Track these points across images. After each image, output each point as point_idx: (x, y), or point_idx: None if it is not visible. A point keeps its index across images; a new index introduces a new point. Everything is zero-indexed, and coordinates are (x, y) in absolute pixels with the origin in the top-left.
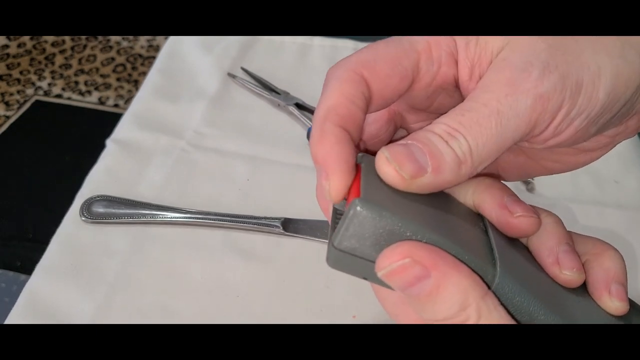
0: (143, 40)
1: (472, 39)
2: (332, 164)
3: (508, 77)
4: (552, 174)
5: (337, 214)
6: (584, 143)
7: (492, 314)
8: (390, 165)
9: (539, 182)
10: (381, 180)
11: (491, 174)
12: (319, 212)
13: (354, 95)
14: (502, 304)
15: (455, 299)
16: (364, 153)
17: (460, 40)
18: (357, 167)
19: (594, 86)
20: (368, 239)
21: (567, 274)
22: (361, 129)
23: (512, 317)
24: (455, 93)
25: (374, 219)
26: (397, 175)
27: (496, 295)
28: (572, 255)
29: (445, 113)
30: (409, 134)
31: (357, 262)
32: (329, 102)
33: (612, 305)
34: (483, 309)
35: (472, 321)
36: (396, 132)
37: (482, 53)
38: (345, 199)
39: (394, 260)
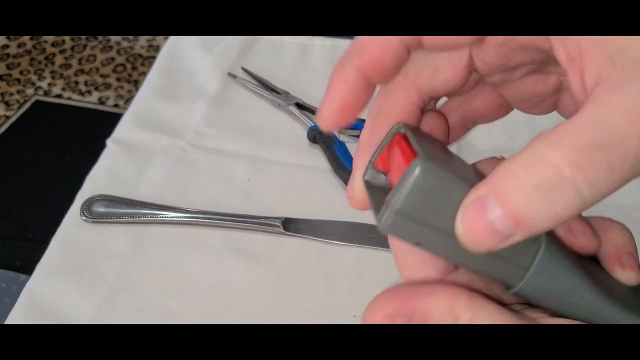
0: (143, 40)
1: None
2: (331, 94)
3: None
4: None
5: (371, 187)
6: None
7: (485, 308)
8: (490, 240)
9: None
10: (433, 145)
11: (542, 113)
12: (319, 212)
13: (390, 39)
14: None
15: (442, 316)
16: (402, 124)
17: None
18: (399, 137)
19: None
20: (428, 202)
21: (630, 275)
22: (387, 74)
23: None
24: (540, 57)
25: (438, 179)
26: (489, 245)
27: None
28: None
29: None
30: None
31: (413, 227)
32: (362, 40)
33: (625, 276)
34: (475, 305)
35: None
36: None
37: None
38: (382, 171)
39: (382, 322)
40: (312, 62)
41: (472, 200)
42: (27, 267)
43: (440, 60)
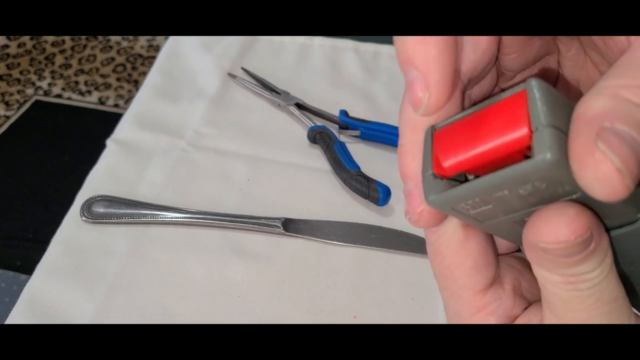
0: (143, 40)
1: None
2: (435, 70)
3: None
4: None
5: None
6: None
7: (614, 267)
8: (624, 181)
9: None
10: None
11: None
12: (319, 212)
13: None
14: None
15: (600, 258)
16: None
17: None
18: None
19: None
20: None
21: None
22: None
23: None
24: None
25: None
26: (622, 182)
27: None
28: None
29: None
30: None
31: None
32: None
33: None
34: (612, 262)
35: (603, 275)
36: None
37: None
38: (441, 175)
39: (579, 234)
40: (312, 62)
41: (595, 131)
42: (27, 267)
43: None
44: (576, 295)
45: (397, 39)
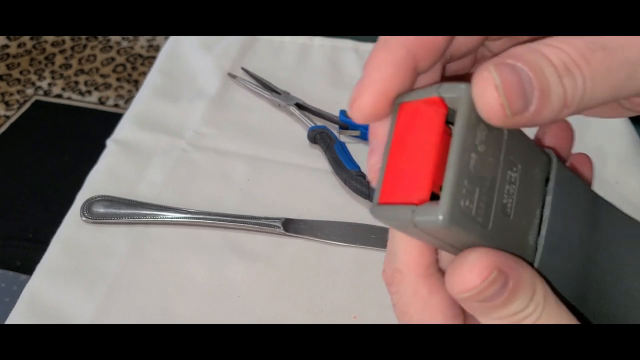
0: (143, 40)
1: None
2: (373, 79)
3: None
4: (586, 116)
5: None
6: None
7: (549, 295)
8: (498, 97)
9: None
10: (475, 135)
11: None
12: (319, 213)
13: (406, 69)
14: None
15: (526, 292)
16: (456, 83)
17: None
18: (437, 103)
19: None
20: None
21: None
22: (439, 56)
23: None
24: None
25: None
26: (502, 111)
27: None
28: None
29: (563, 36)
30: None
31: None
32: (381, 75)
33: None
34: (545, 290)
35: (540, 308)
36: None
37: None
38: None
39: (485, 276)
40: (312, 62)
41: (497, 63)
42: (27, 267)
43: None
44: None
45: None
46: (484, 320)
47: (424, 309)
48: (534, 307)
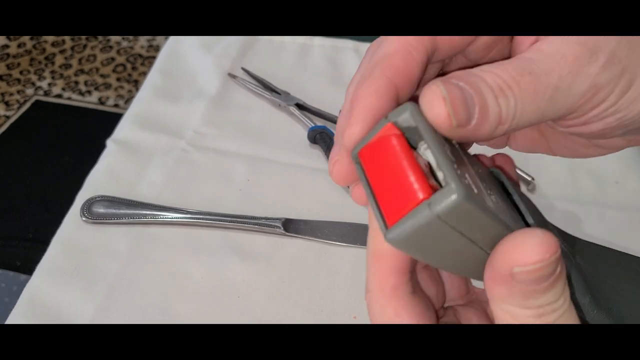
0: (143, 40)
1: None
2: (361, 108)
3: (575, 54)
4: (556, 156)
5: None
6: (602, 141)
7: (567, 286)
8: (445, 108)
9: (540, 182)
10: (438, 136)
11: (497, 144)
12: (319, 213)
13: (414, 47)
14: None
15: (563, 284)
16: (401, 106)
17: None
18: (391, 130)
19: (638, 90)
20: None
21: None
22: (415, 84)
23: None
24: (509, 44)
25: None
26: (449, 121)
27: None
28: None
29: (497, 62)
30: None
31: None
32: (387, 49)
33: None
34: (569, 293)
35: (567, 304)
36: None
37: None
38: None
39: (545, 256)
40: (312, 62)
41: (447, 80)
42: (27, 267)
43: None
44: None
45: (351, 81)
46: (513, 310)
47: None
48: (562, 300)
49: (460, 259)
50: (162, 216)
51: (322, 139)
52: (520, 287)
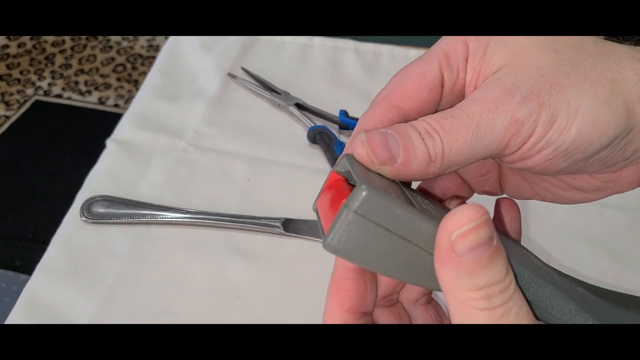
0: (143, 40)
1: (480, 50)
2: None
3: (495, 96)
4: (545, 201)
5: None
6: (573, 181)
7: (517, 286)
8: (363, 149)
9: None
10: (368, 172)
11: (492, 191)
12: None
13: (389, 119)
14: None
15: (505, 262)
16: (341, 156)
17: (472, 46)
18: (335, 177)
19: (568, 122)
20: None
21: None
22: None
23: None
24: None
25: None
26: (369, 158)
27: None
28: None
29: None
30: None
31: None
32: (366, 126)
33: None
34: (514, 276)
35: (512, 286)
36: None
37: (484, 67)
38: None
39: (475, 216)
40: (312, 62)
41: (377, 133)
42: (27, 267)
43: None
44: (488, 315)
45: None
46: (462, 294)
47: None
48: (508, 282)
49: (404, 262)
50: (162, 216)
51: (321, 138)
52: (463, 263)
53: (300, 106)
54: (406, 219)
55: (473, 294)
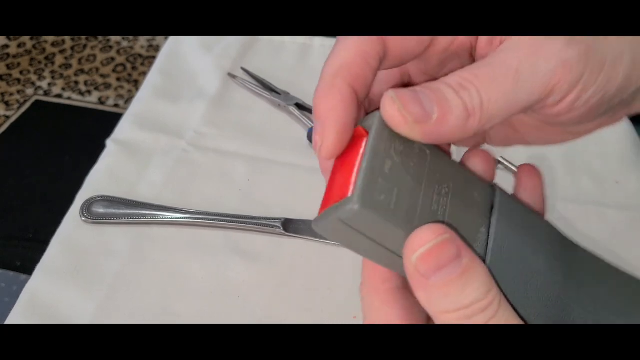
0: (143, 40)
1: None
2: (331, 122)
3: (533, 41)
4: (529, 146)
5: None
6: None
7: (505, 301)
8: (394, 106)
9: None
10: (389, 146)
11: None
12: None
13: (368, 54)
14: None
15: (482, 279)
16: (372, 112)
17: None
18: (359, 132)
19: (615, 67)
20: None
21: None
22: (369, 88)
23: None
24: (468, 62)
25: (369, 221)
26: (401, 117)
27: None
28: None
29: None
30: None
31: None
32: (343, 58)
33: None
34: (502, 296)
35: (495, 304)
36: None
37: (495, 40)
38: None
39: (435, 235)
40: (312, 62)
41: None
42: (27, 267)
43: None
44: None
45: (315, 95)
46: (442, 314)
47: (376, 318)
48: (490, 300)
49: (388, 259)
50: (162, 216)
51: None
52: (433, 285)
53: (301, 106)
54: (390, 234)
55: (451, 315)
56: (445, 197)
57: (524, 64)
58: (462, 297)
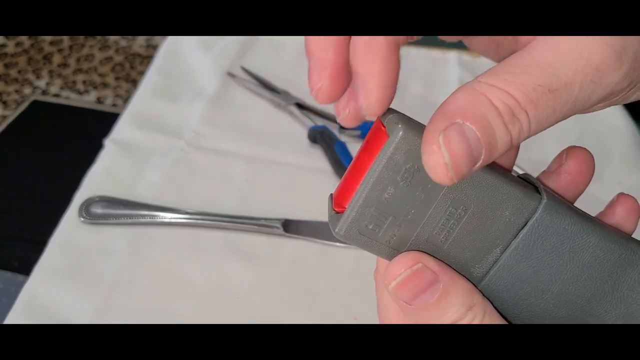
0: (141, 39)
1: None
2: (327, 64)
3: (601, 60)
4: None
5: None
6: None
7: (493, 312)
8: (441, 157)
9: None
10: (398, 169)
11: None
12: (319, 213)
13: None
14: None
15: (462, 300)
16: (396, 113)
17: None
18: (379, 129)
19: None
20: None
21: None
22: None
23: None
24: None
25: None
26: (445, 171)
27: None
28: None
29: (508, 64)
30: None
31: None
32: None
33: None
34: (487, 307)
35: (477, 320)
36: None
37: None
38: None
39: (407, 266)
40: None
41: (445, 125)
42: (25, 267)
43: None
44: None
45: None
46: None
47: (388, 303)
48: (471, 317)
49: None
50: (160, 216)
51: (322, 138)
52: (414, 309)
53: (301, 105)
54: (379, 254)
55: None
56: (459, 219)
57: (583, 92)
58: (444, 318)
